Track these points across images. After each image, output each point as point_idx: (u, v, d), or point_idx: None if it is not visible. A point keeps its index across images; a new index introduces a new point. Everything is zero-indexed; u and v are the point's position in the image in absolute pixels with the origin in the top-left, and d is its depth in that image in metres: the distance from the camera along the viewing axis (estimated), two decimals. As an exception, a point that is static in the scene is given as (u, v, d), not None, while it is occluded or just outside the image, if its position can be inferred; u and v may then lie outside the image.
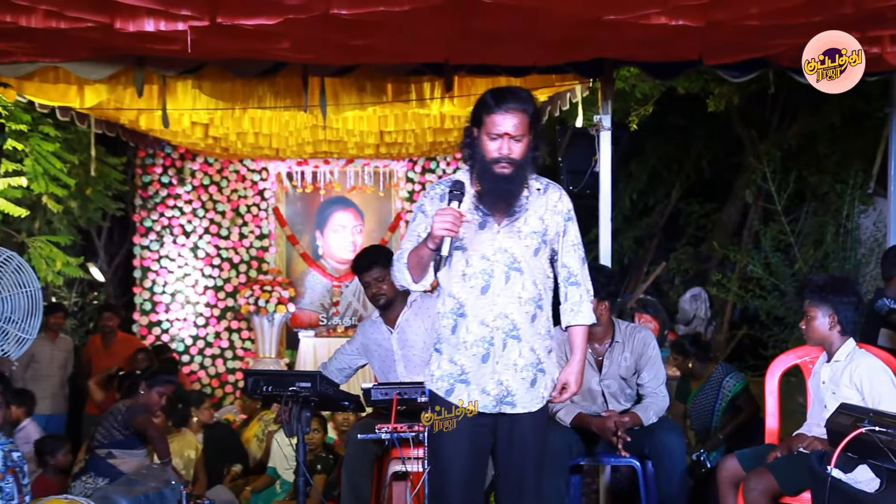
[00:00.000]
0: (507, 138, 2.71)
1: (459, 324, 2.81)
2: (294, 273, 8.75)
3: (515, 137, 2.71)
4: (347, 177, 8.69)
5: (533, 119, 2.75)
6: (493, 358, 2.79)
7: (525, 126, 2.72)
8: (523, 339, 2.80)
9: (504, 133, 2.71)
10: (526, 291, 2.79)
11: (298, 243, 8.73)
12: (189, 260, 8.49)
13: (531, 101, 2.76)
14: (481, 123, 2.75)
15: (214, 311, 8.52)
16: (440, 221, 2.62)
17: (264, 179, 8.65)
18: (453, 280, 2.81)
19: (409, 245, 2.78)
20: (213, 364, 8.52)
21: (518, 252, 2.78)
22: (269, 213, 8.65)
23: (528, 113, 2.73)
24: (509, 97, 2.73)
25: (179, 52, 3.94)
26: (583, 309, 2.88)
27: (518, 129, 2.71)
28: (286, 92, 5.23)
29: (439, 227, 2.62)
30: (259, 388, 3.47)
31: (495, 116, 2.71)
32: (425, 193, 2.88)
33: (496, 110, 2.71)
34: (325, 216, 8.81)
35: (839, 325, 3.48)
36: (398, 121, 6.59)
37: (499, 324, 2.77)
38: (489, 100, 2.74)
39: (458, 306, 2.81)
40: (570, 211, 2.88)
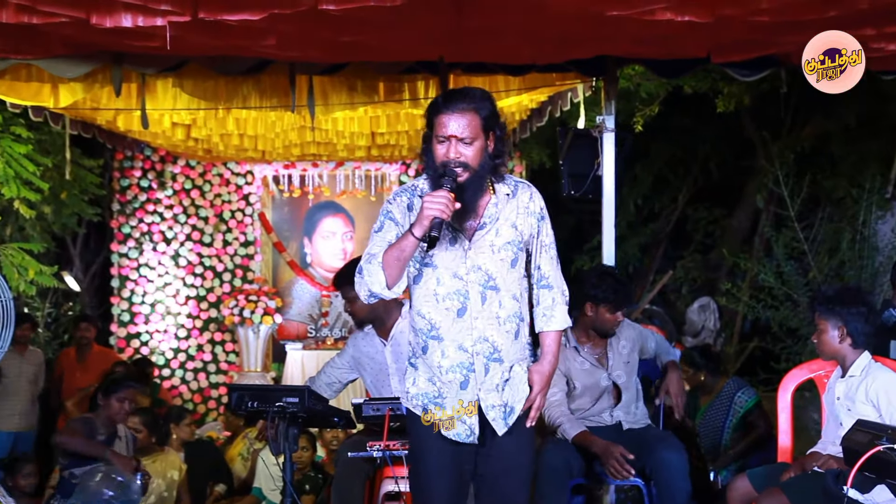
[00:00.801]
0: (455, 141, 2.65)
1: (432, 346, 2.78)
2: (281, 282, 8.74)
3: (464, 140, 2.65)
4: (337, 180, 8.68)
5: (487, 121, 2.69)
6: (474, 384, 2.77)
7: (475, 128, 2.66)
8: (506, 360, 2.79)
9: (450, 135, 2.65)
10: (504, 309, 2.77)
11: (285, 251, 8.72)
12: (170, 268, 8.47)
13: (485, 101, 2.70)
14: (431, 127, 2.71)
15: (197, 322, 8.50)
16: (431, 203, 2.56)
17: (249, 183, 8.64)
18: (423, 298, 2.78)
19: (378, 249, 2.69)
20: (195, 378, 8.49)
21: (493, 268, 2.75)
22: (254, 219, 8.64)
23: (480, 114, 2.67)
24: (457, 97, 2.69)
25: (159, 49, 3.95)
26: (556, 313, 2.86)
27: (466, 131, 2.64)
28: (272, 91, 5.23)
29: (431, 208, 2.56)
30: (244, 403, 3.46)
31: (441, 117, 2.66)
32: (389, 201, 2.81)
33: (442, 110, 2.67)
34: (313, 222, 8.81)
35: (850, 338, 3.48)
36: (390, 121, 6.59)
37: (479, 348, 2.75)
38: (438, 100, 2.71)
39: (429, 327, 2.77)
40: (543, 209, 2.85)
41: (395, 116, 6.50)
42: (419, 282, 2.76)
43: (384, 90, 5.31)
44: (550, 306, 2.87)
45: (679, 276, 8.96)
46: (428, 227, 2.57)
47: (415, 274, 2.74)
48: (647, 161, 9.04)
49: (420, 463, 2.82)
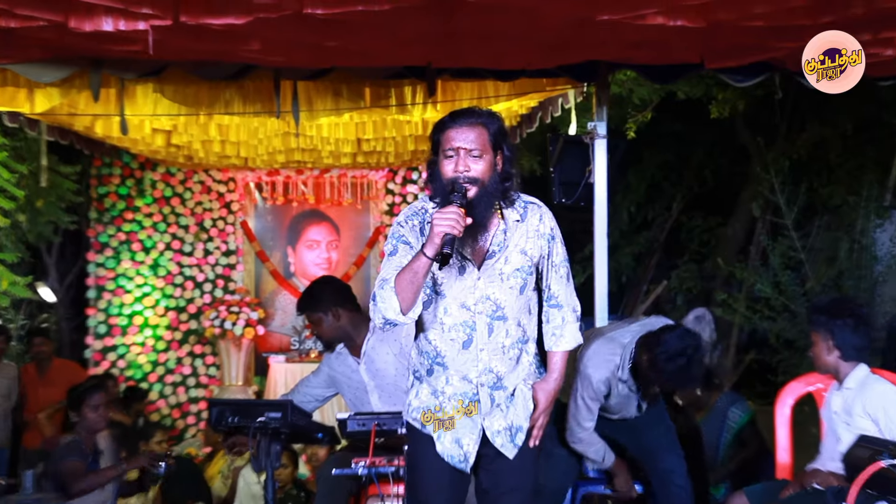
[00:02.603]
0: (464, 154, 2.66)
1: (437, 371, 2.82)
2: (263, 293, 8.73)
3: (472, 153, 2.66)
4: (322, 188, 8.69)
5: (496, 137, 2.70)
6: (479, 414, 2.81)
7: (484, 141, 2.67)
8: (509, 386, 2.83)
9: (458, 147, 2.66)
10: (510, 337, 2.81)
11: (268, 260, 8.71)
12: (149, 279, 8.44)
13: (494, 118, 2.72)
14: (438, 146, 2.72)
15: (176, 334, 8.47)
16: (442, 220, 2.55)
17: (231, 191, 8.64)
18: (430, 324, 2.80)
19: (391, 273, 2.66)
20: (174, 393, 8.45)
21: (501, 297, 2.77)
22: (236, 228, 8.64)
23: (489, 129, 2.69)
24: (465, 112, 2.72)
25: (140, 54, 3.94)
26: (565, 332, 2.90)
27: (475, 144, 2.66)
28: (256, 96, 5.23)
29: (441, 224, 2.54)
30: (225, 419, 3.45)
31: (449, 132, 2.68)
32: (400, 224, 2.80)
33: (450, 126, 2.69)
34: (297, 231, 8.81)
35: (838, 350, 3.49)
36: (377, 128, 6.60)
37: (484, 379, 2.79)
38: (445, 119, 2.72)
39: (435, 354, 2.81)
40: (554, 229, 2.87)
41: (382, 122, 6.51)
42: (428, 307, 2.78)
43: (370, 96, 5.32)
44: (560, 325, 2.90)
45: (673, 287, 8.98)
46: (440, 244, 2.55)
47: (424, 299, 2.73)
48: (639, 168, 9.08)
49: (418, 478, 2.84)
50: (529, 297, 2.85)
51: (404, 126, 6.57)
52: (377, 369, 3.89)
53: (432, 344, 2.80)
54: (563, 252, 2.90)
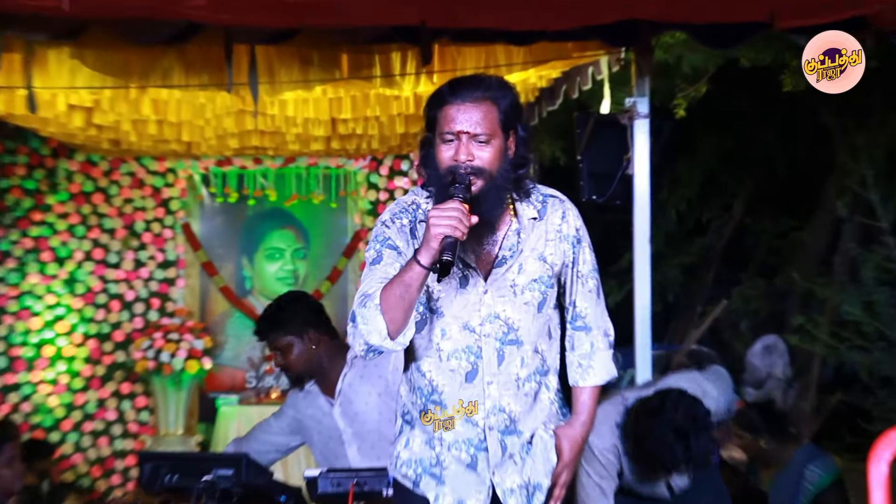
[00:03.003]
0: (467, 139, 2.66)
1: (433, 412, 2.83)
2: (211, 315, 8.74)
3: (478, 137, 2.66)
4: (287, 181, 8.72)
5: (508, 116, 2.71)
6: (485, 466, 2.81)
7: (492, 123, 2.67)
8: (525, 430, 2.84)
9: (459, 131, 2.66)
10: (525, 368, 2.82)
11: (218, 273, 8.72)
12: (63, 297, 8.45)
13: (505, 90, 2.73)
14: (435, 123, 2.73)
15: (98, 369, 8.47)
16: (440, 218, 2.53)
17: (170, 185, 8.66)
18: (424, 351, 2.81)
19: (375, 287, 2.65)
20: (93, 444, 8.44)
21: (515, 316, 2.78)
22: (176, 232, 8.65)
23: (499, 106, 2.69)
24: (469, 84, 2.71)
25: (52, 10, 3.96)
26: (594, 363, 2.92)
27: (481, 126, 2.66)
28: (202, 65, 5.26)
29: (440, 224, 2.52)
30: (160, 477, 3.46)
31: (449, 109, 2.67)
32: (385, 224, 2.81)
33: (450, 101, 2.68)
34: (255, 236, 8.83)
35: None
36: (357, 105, 6.63)
37: (493, 421, 2.79)
38: (443, 89, 2.72)
39: (430, 390, 2.82)
40: (580, 230, 2.88)
41: (363, 99, 6.53)
42: (421, 329, 2.78)
43: (348, 64, 5.34)
44: (588, 354, 2.92)
45: (736, 308, 9.00)
46: (438, 249, 2.53)
47: (417, 319, 2.73)
48: (692, 156, 9.10)
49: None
50: (549, 316, 2.87)
51: (391, 103, 6.59)
52: (356, 413, 3.90)
53: (427, 377, 2.81)
54: (591, 260, 2.92)
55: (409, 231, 2.80)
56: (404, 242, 2.78)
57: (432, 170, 2.74)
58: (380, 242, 2.78)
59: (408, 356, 2.89)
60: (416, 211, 2.82)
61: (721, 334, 9.01)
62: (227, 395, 8.38)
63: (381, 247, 2.77)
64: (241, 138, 7.50)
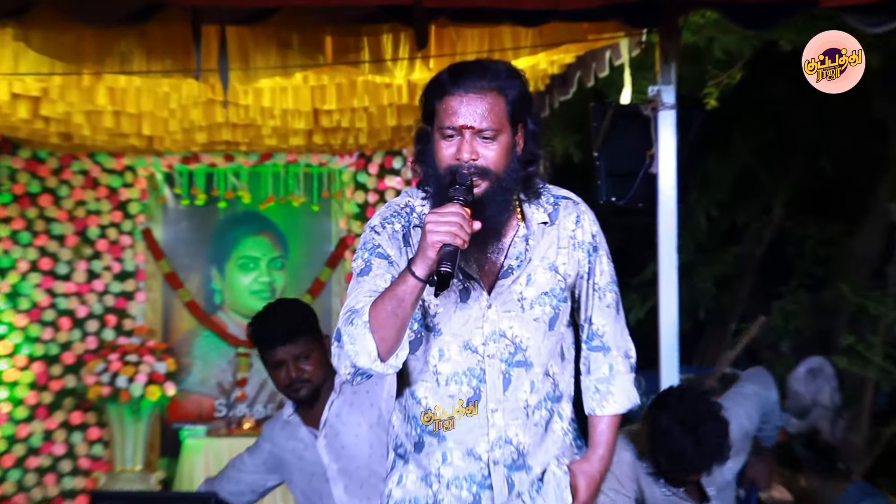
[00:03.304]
0: (470, 134, 2.66)
1: (429, 445, 2.81)
2: (175, 334, 8.74)
3: (483, 133, 2.66)
4: (262, 181, 8.72)
5: (517, 108, 2.71)
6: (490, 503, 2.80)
7: (499, 116, 2.67)
8: (535, 465, 2.83)
9: (462, 126, 2.65)
10: (535, 394, 2.81)
11: (183, 286, 8.72)
12: (5, 314, 8.44)
13: (514, 79, 2.72)
14: (433, 116, 2.72)
15: (44, 396, 8.45)
16: (439, 224, 2.51)
17: (129, 185, 8.66)
18: (420, 374, 2.81)
19: (364, 301, 2.65)
20: (39, 483, 8.42)
21: (523, 333, 2.78)
22: (135, 240, 8.65)
23: (507, 96, 2.69)
24: (473, 71, 2.70)
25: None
26: (615, 388, 2.91)
27: (487, 120, 2.66)
28: (165, 49, 5.25)
29: (438, 231, 2.51)
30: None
31: (450, 101, 2.67)
32: (375, 229, 2.80)
33: (451, 91, 2.67)
34: (226, 243, 8.84)
35: None
36: (343, 95, 6.64)
37: (498, 455, 2.78)
38: (443, 77, 2.71)
39: (427, 419, 2.82)
40: (596, 236, 2.88)
41: (349, 87, 6.55)
42: (415, 349, 2.78)
43: (332, 48, 5.34)
44: (607, 378, 2.92)
45: (776, 325, 8.99)
46: (435, 259, 2.52)
47: (411, 338, 2.73)
48: (725, 152, 9.09)
49: None
50: (562, 334, 2.87)
51: (381, 92, 6.60)
52: (343, 446, 3.89)
53: (423, 404, 2.80)
54: (610, 270, 2.92)
55: (403, 238, 2.79)
56: (396, 251, 2.77)
57: (430, 168, 2.73)
58: (368, 251, 2.77)
59: (401, 380, 2.87)
60: (409, 215, 2.81)
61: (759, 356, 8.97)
62: (192, 426, 8.36)
63: (370, 256, 2.76)
64: (210, 132, 7.51)
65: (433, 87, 2.73)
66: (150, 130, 7.35)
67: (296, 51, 5.32)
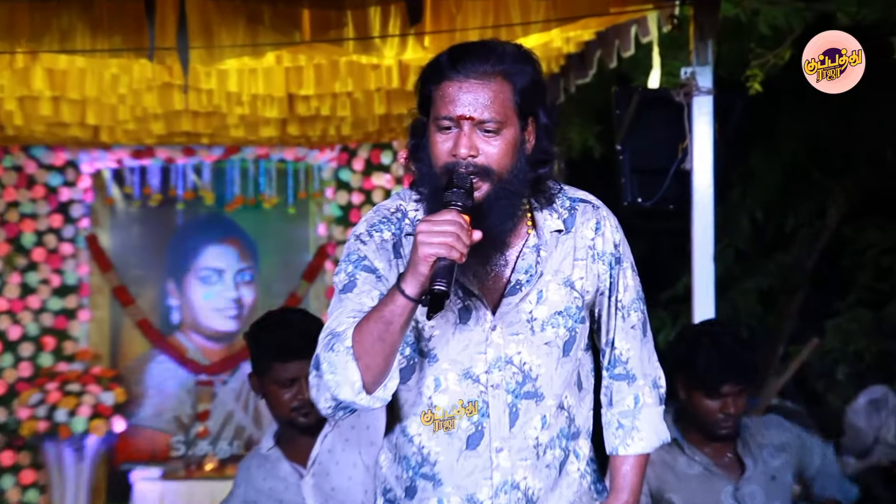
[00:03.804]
0: (470, 127, 2.65)
1: (423, 489, 2.81)
2: (125, 359, 8.76)
3: (485, 125, 2.65)
4: (227, 179, 8.75)
5: (526, 97, 2.70)
6: None
7: (504, 106, 2.66)
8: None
9: (460, 116, 2.65)
10: (547, 430, 2.80)
11: (134, 303, 8.72)
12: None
13: (523, 63, 2.72)
14: (429, 104, 2.72)
15: (-28, 431, 8.49)
16: (431, 234, 2.50)
17: (71, 184, 8.68)
18: (412, 408, 2.81)
19: (347, 322, 2.65)
20: (-33, 534, 8.46)
21: (533, 361, 2.77)
22: (78, 248, 8.67)
23: (515, 83, 2.68)
24: (476, 54, 2.69)
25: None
26: (640, 423, 2.91)
27: (491, 110, 2.65)
28: (114, 24, 5.27)
29: (431, 242, 2.50)
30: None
31: (448, 87, 2.66)
32: (360, 238, 2.80)
33: (450, 75, 2.67)
34: (185, 252, 8.86)
35: None
36: (322, 78, 6.65)
37: (503, 502, 2.78)
38: (441, 60, 2.70)
39: (420, 460, 2.81)
40: (619, 246, 2.87)
41: (331, 69, 6.57)
42: (407, 379, 2.78)
43: (311, 23, 5.35)
44: (632, 411, 2.92)
45: (832, 348, 9.00)
46: (428, 276, 2.52)
47: (401, 365, 2.73)
48: (771, 145, 9.11)
49: None
50: (579, 360, 2.86)
51: (368, 75, 6.61)
52: (333, 489, 3.90)
53: (415, 442, 2.80)
54: (635, 285, 2.92)
55: (393, 248, 2.78)
56: (386, 263, 2.76)
57: (424, 166, 2.73)
58: (353, 263, 2.77)
59: (391, 415, 2.88)
60: (401, 221, 2.81)
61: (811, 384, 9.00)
62: (145, 467, 8.36)
63: (354, 269, 2.76)
64: (166, 121, 7.52)
65: (430, 72, 2.73)
66: (95, 120, 7.36)
67: (267, 26, 5.33)
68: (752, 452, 4.25)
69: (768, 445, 4.29)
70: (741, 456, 4.23)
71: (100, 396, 8.18)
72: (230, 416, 8.61)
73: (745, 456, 4.23)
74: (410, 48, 5.51)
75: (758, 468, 4.23)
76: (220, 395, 8.62)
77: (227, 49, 5.45)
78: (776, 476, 4.26)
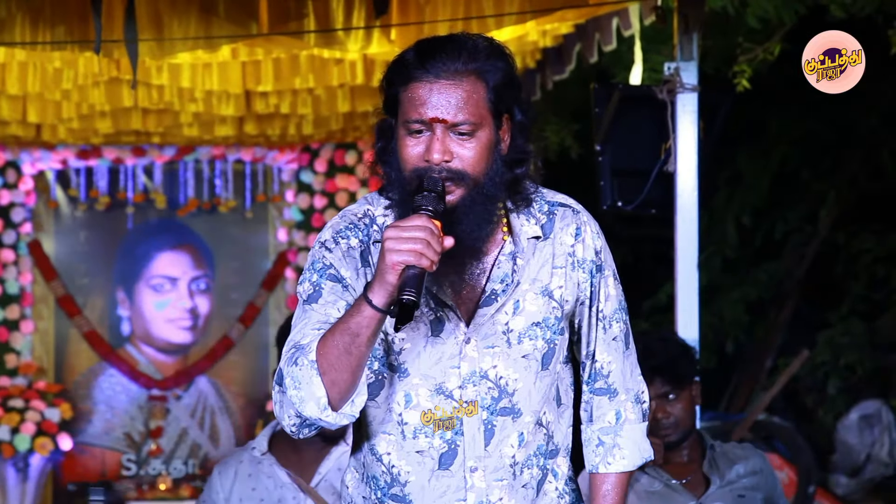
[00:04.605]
0: (442, 130, 2.65)
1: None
2: (72, 373, 8.73)
3: (459, 128, 2.65)
4: (180, 182, 8.72)
5: (500, 95, 2.70)
6: None
7: (479, 106, 2.66)
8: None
9: (432, 119, 2.65)
10: (524, 448, 2.81)
11: (80, 313, 8.69)
12: None
13: (497, 59, 2.72)
14: (396, 105, 2.72)
15: None
16: (400, 241, 2.50)
17: (12, 186, 8.64)
18: (381, 425, 2.81)
19: (311, 335, 2.65)
20: None
21: (510, 375, 2.78)
22: (19, 255, 8.64)
23: (488, 81, 2.68)
24: (446, 50, 2.68)
25: None
26: (622, 440, 2.91)
27: (463, 112, 2.65)
28: (56, 15, 5.25)
29: (400, 249, 2.49)
30: None
31: (417, 88, 2.66)
32: (325, 245, 2.79)
33: (418, 75, 2.66)
34: (136, 259, 8.83)
35: None
36: (282, 73, 6.65)
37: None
38: (408, 57, 2.69)
39: (389, 480, 2.82)
40: (600, 252, 2.87)
41: (291, 63, 6.56)
42: (375, 395, 2.78)
43: (269, 14, 5.33)
44: (613, 428, 2.92)
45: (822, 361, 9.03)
46: (396, 285, 2.52)
47: (370, 380, 2.73)
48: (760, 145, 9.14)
49: None
50: (559, 374, 2.86)
51: (331, 70, 6.60)
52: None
53: (384, 461, 2.80)
54: (618, 294, 2.92)
55: (360, 255, 2.77)
56: (352, 272, 2.75)
57: (393, 170, 2.72)
58: (318, 272, 2.76)
59: (358, 432, 2.87)
60: (369, 227, 2.80)
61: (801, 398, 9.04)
62: (94, 488, 8.31)
63: (319, 278, 2.75)
64: (114, 119, 7.50)
65: (396, 70, 2.72)
66: (37, 117, 7.34)
67: (222, 17, 5.31)
68: (719, 470, 4.34)
69: (738, 465, 4.39)
70: (707, 474, 4.33)
71: (45, 413, 8.17)
72: (185, 433, 8.59)
73: (712, 474, 4.32)
74: (376, 42, 5.50)
75: (724, 486, 4.32)
76: (173, 410, 8.60)
77: (179, 42, 5.44)
78: (745, 495, 4.34)
